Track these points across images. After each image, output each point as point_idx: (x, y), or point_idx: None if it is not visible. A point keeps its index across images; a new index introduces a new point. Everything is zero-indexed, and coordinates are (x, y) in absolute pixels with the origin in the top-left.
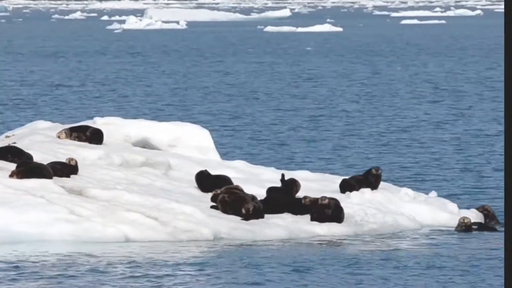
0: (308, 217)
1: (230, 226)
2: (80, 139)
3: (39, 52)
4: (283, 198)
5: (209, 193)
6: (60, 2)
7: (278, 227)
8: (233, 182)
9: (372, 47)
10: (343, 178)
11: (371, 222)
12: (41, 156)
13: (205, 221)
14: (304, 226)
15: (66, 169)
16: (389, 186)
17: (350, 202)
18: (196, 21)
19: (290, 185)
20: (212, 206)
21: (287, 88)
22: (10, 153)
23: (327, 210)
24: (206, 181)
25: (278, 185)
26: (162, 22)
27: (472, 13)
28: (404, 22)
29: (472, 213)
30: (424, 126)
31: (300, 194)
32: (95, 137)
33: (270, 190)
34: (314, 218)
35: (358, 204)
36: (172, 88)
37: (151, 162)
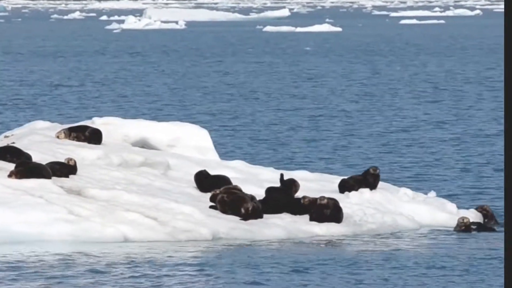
0: (307, 217)
1: (229, 226)
2: (79, 139)
3: (38, 52)
4: (282, 198)
5: (208, 193)
6: (59, 2)
7: (277, 227)
8: (232, 182)
9: (371, 47)
10: (342, 178)
11: (370, 222)
12: (40, 156)
13: (204, 221)
14: (303, 226)
15: (65, 169)
16: (388, 186)
17: (349, 202)
18: (195, 21)
19: (289, 185)
20: (211, 206)
21: (287, 88)
22: (9, 153)
23: (326, 210)
24: (205, 181)
25: (277, 185)
26: (161, 22)
27: (471, 13)
28: (403, 22)
29: (471, 213)
30: (423, 126)
31: (299, 194)
32: (94, 137)
33: (269, 190)
34: (313, 218)
35: (357, 204)
36: (171, 88)
37: (150, 162)
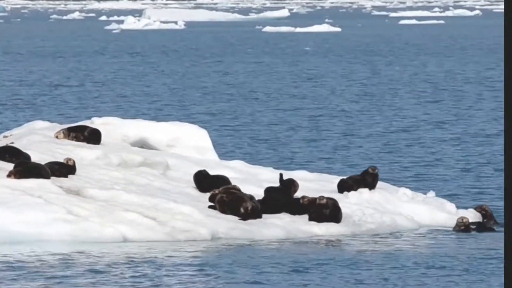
0: (306, 217)
1: (228, 226)
2: (78, 139)
3: (38, 52)
4: (281, 198)
5: (207, 193)
6: (58, 2)
7: (276, 227)
8: (231, 182)
9: (371, 47)
10: (341, 178)
11: (369, 222)
12: (39, 156)
13: (203, 221)
14: (302, 226)
15: (64, 169)
16: (387, 186)
17: (348, 202)
18: (194, 21)
19: (288, 185)
20: (210, 206)
21: (286, 88)
22: (8, 153)
23: (325, 210)
24: (205, 181)
25: (276, 185)
26: (161, 22)
27: (470, 13)
28: (402, 22)
29: (470, 213)
30: (423, 126)
31: (298, 194)
32: (93, 137)
33: (268, 190)
34: (312, 218)
35: (356, 204)
36: (170, 88)
37: (149, 162)
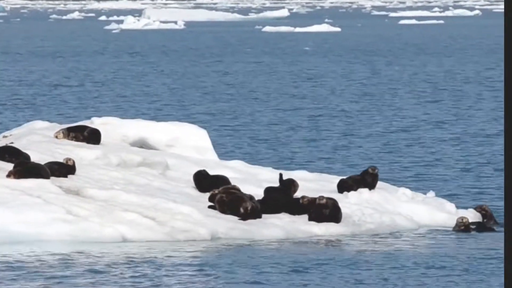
0: (305, 217)
1: (227, 226)
2: (77, 139)
3: (37, 52)
4: (281, 198)
5: (207, 193)
6: (58, 2)
7: (276, 227)
8: (231, 182)
9: (370, 47)
10: (341, 178)
11: (369, 222)
12: (38, 156)
13: (202, 221)
14: (301, 226)
15: (64, 169)
16: (386, 186)
17: (347, 202)
18: (194, 21)
19: (288, 185)
20: (209, 206)
21: (286, 88)
22: (7, 153)
23: (325, 210)
24: (204, 181)
25: (276, 185)
26: (160, 22)
27: (470, 13)
28: (402, 22)
29: (469, 213)
30: (423, 126)
31: (298, 194)
32: (93, 137)
33: (268, 190)
34: (312, 218)
35: (356, 204)
36: (170, 88)
37: (149, 162)
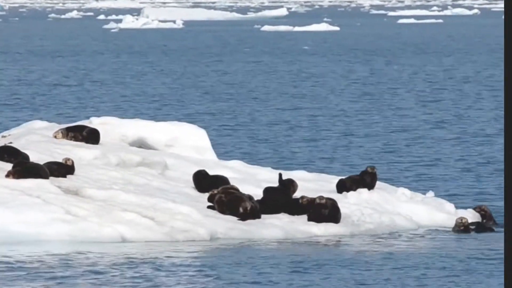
0: (304, 217)
1: (227, 226)
2: (76, 139)
3: (36, 51)
4: (280, 198)
5: (206, 193)
6: (56, 1)
7: (275, 227)
8: (230, 182)
9: (369, 46)
10: (340, 178)
11: (368, 222)
12: (37, 156)
13: (201, 221)
14: (300, 226)
15: (63, 169)
16: (386, 186)
17: (347, 202)
18: (192, 20)
19: (287, 185)
20: (209, 206)
21: (285, 87)
22: (6, 153)
23: (324, 210)
24: (204, 181)
25: (275, 185)
26: (159, 21)
27: (469, 12)
28: (401, 21)
29: (469, 213)
30: (423, 126)
31: (297, 194)
32: (92, 137)
33: (267, 190)
34: (311, 218)
35: (355, 204)
36: (169, 87)
37: (148, 162)
